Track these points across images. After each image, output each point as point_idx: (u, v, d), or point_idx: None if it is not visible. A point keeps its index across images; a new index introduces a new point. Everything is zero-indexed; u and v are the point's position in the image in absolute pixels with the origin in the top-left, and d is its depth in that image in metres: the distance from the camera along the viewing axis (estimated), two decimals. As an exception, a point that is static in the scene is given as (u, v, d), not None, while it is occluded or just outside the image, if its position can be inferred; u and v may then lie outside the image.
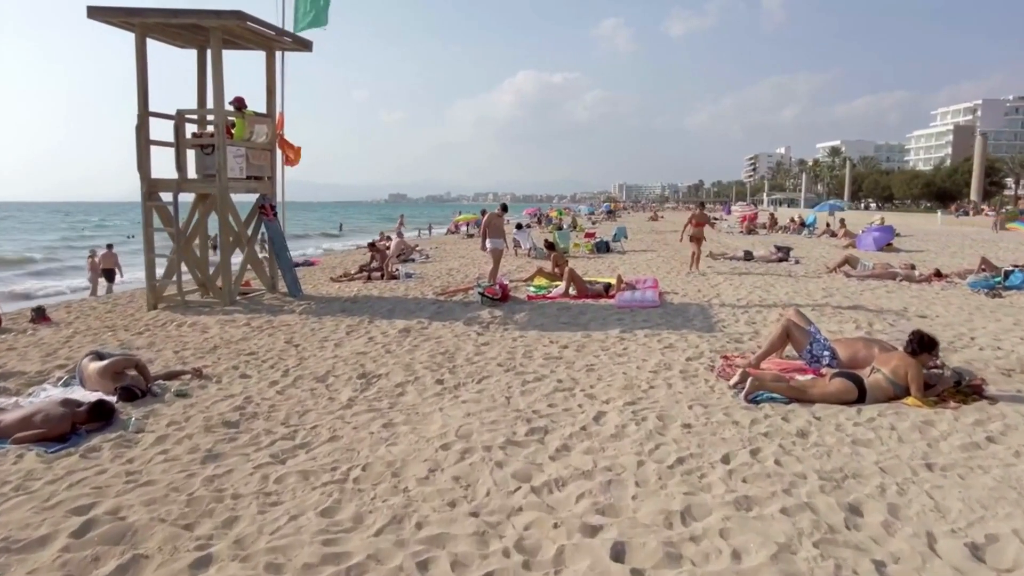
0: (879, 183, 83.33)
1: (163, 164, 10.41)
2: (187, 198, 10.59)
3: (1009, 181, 76.05)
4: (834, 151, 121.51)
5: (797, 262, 16.41)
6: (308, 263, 18.16)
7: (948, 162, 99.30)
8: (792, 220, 31.74)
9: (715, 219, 48.78)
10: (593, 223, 46.88)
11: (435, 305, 10.22)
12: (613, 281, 11.58)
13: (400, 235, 22.25)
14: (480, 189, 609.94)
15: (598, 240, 20.34)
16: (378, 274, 14.03)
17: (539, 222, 41.45)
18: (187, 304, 10.12)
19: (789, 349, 6.27)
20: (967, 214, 44.72)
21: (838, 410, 4.79)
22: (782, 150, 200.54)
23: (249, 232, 11.10)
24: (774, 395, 5.00)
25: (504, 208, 19.95)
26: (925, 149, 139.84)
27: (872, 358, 5.42)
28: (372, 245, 16.87)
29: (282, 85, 12.02)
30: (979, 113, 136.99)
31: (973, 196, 51.21)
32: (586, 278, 11.77)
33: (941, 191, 71.63)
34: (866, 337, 6.83)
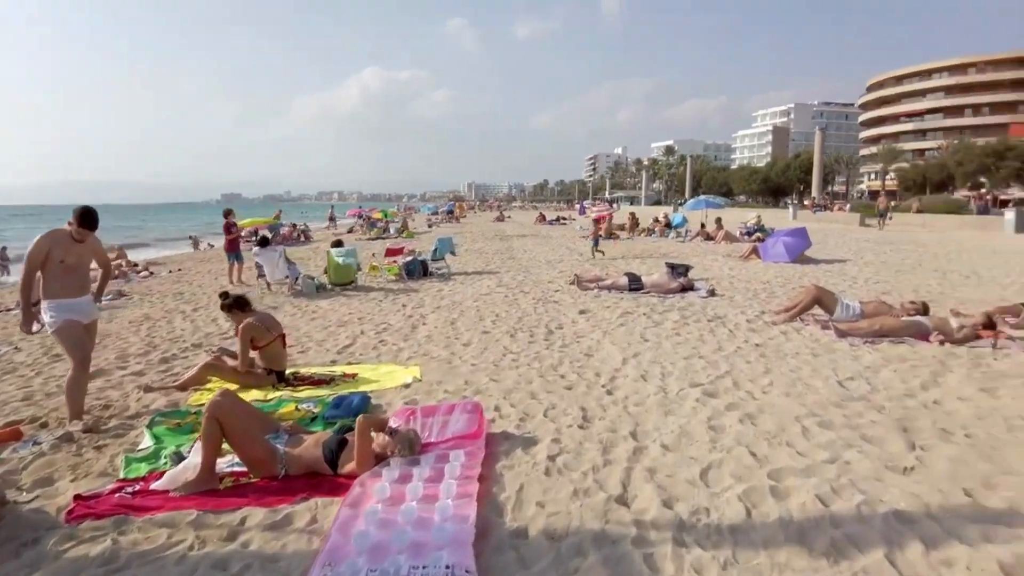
0: (717, 179, 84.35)
1: None
2: None
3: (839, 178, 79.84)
4: (668, 150, 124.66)
5: (712, 293, 10.40)
6: None
7: (769, 159, 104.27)
8: (656, 220, 26.77)
9: (565, 220, 44.21)
10: (430, 226, 39.89)
11: None
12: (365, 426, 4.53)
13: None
14: (324, 188, 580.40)
15: (409, 259, 13.22)
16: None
17: (362, 227, 33.68)
18: None
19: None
20: (824, 208, 43.32)
21: None
22: (619, 150, 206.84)
23: None
24: None
25: (227, 213, 12.10)
26: (749, 148, 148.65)
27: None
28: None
29: None
30: (792, 116, 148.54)
31: (814, 191, 50.66)
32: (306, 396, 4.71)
33: (776, 186, 73.01)
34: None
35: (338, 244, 12.18)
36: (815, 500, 3.28)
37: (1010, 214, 28.57)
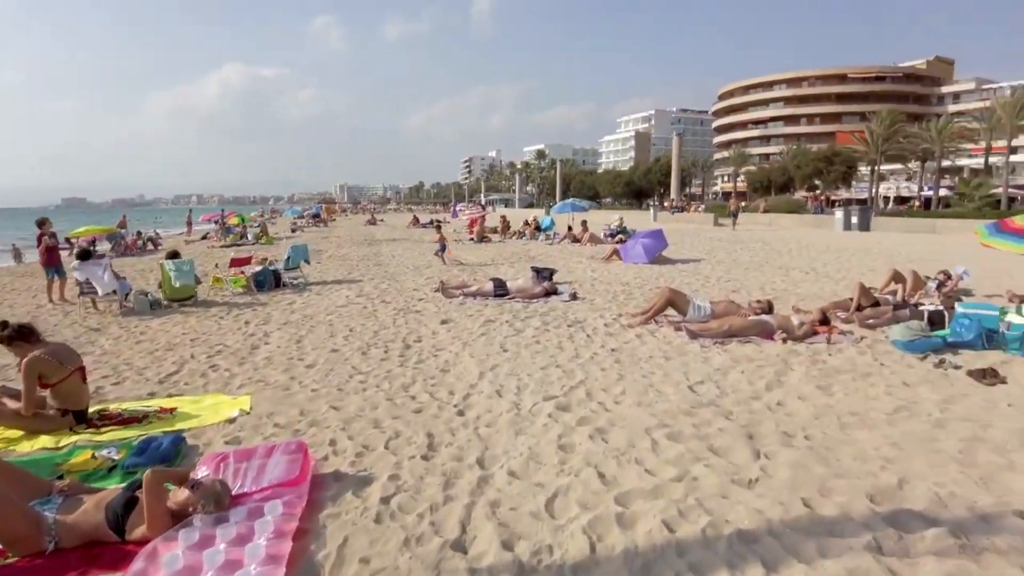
0: (585, 183, 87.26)
1: None
2: None
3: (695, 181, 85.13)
4: (540, 154, 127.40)
5: (575, 296, 10.41)
6: None
7: (632, 163, 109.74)
8: (527, 223, 27.00)
9: (439, 222, 43.70)
10: (294, 230, 37.89)
11: None
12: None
13: None
14: (181, 190, 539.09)
15: (259, 269, 12.21)
16: None
17: (217, 233, 31.29)
18: None
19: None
20: (681, 210, 45.87)
21: None
22: (494, 153, 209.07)
23: None
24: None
25: (41, 223, 10.90)
26: (614, 152, 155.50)
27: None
28: None
29: None
30: (653, 122, 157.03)
31: (673, 194, 53.59)
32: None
33: (639, 189, 76.65)
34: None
35: (174, 255, 10.99)
36: (661, 527, 3.10)
37: (839, 213, 31.64)
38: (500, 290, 10.51)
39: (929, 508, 3.26)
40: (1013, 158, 58.56)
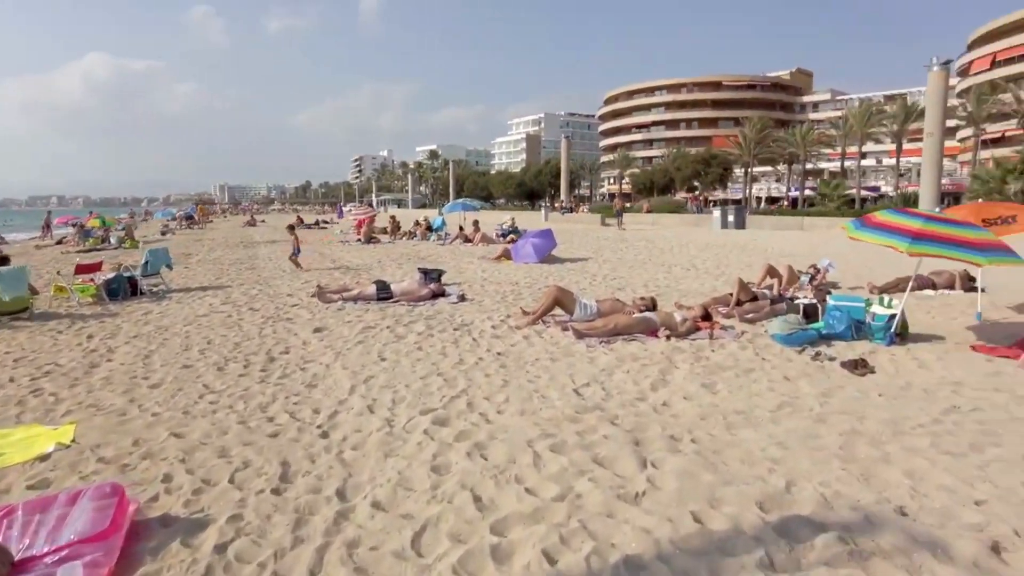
0: (478, 183, 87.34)
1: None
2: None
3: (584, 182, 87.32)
4: (432, 154, 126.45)
5: (463, 298, 10.03)
6: None
7: (524, 164, 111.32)
8: (418, 223, 26.34)
9: (326, 224, 42.03)
10: (164, 233, 35.03)
11: None
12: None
13: None
14: (39, 191, 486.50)
15: (111, 277, 10.87)
16: None
17: (75, 237, 28.23)
18: None
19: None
20: (570, 211, 46.67)
21: None
22: (385, 152, 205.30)
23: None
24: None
25: None
26: (506, 154, 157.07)
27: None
28: None
29: None
30: (542, 124, 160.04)
31: (563, 194, 54.56)
32: None
33: (531, 190, 77.62)
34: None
35: (3, 261, 9.54)
36: (541, 558, 2.75)
37: (716, 213, 33.30)
38: (383, 293, 9.92)
39: (816, 511, 3.13)
40: (863, 162, 64.46)
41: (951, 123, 42.18)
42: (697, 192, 65.28)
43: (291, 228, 16.59)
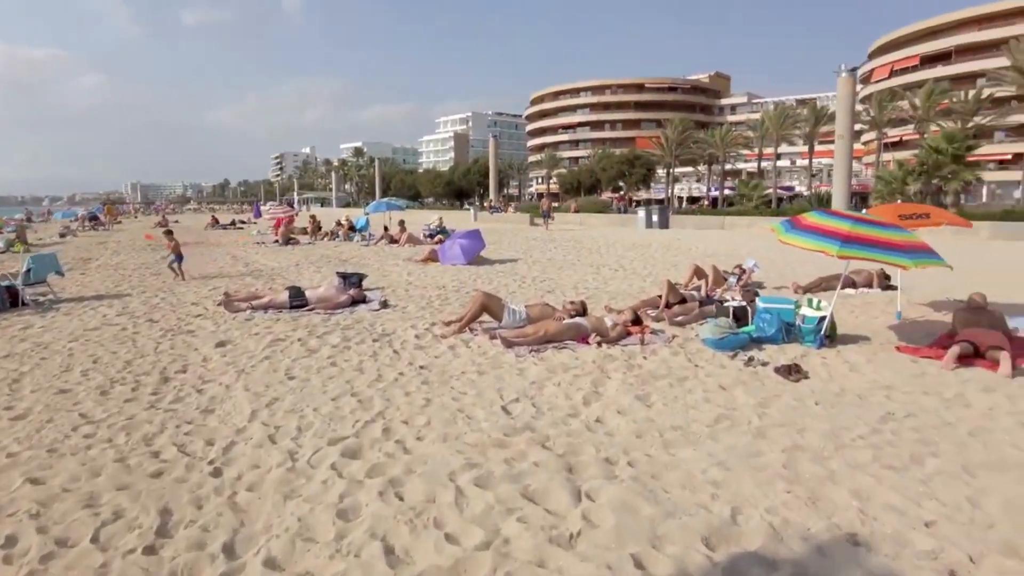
0: (405, 182, 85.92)
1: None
2: None
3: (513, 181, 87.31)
4: (358, 151, 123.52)
5: (385, 304, 9.48)
6: None
7: (452, 163, 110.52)
8: (339, 223, 25.37)
9: (242, 224, 40.12)
10: (64, 235, 32.46)
11: None
12: None
13: None
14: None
15: (-16, 286, 9.68)
16: None
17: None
18: None
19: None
20: (499, 210, 46.39)
21: None
22: (308, 149, 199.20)
23: None
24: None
25: None
26: (434, 152, 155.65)
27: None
28: None
29: None
30: (470, 123, 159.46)
31: (491, 194, 54.27)
32: None
33: (459, 189, 76.96)
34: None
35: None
36: (461, 628, 2.33)
37: (641, 212, 33.77)
38: (297, 300, 9.24)
39: (766, 545, 2.86)
40: (779, 163, 67.33)
41: (856, 127, 44.57)
42: (622, 192, 66.41)
43: (168, 233, 14.76)
